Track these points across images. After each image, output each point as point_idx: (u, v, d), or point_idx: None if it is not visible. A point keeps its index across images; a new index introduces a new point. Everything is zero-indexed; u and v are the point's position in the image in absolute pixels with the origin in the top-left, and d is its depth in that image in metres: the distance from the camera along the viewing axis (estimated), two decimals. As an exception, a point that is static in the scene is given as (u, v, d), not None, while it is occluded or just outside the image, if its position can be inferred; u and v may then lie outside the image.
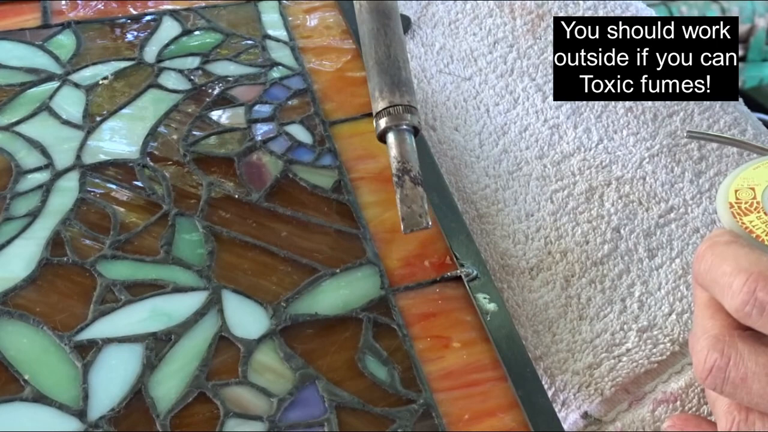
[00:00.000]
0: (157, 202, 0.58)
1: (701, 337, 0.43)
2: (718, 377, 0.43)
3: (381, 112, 0.57)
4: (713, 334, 0.43)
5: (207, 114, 0.64)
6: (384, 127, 0.57)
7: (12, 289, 0.53)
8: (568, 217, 0.59)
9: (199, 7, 0.74)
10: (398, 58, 0.61)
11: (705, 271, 0.43)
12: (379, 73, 0.60)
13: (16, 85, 0.66)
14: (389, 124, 0.57)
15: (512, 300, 0.54)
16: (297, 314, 0.52)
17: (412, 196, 0.54)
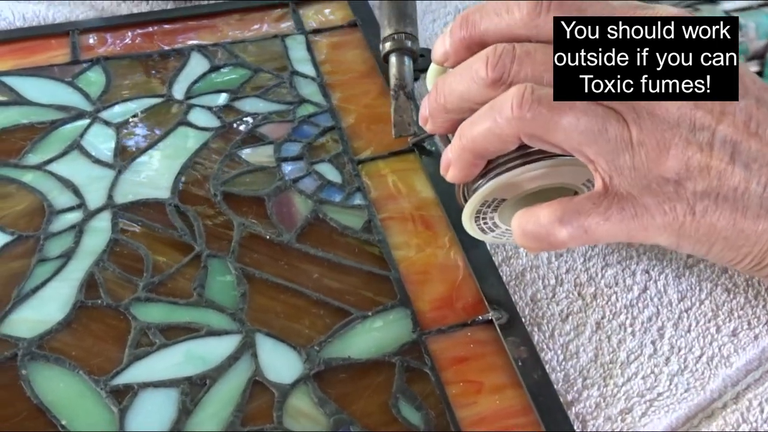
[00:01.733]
0: (189, 242, 0.58)
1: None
2: (506, 57, 0.46)
3: (387, 37, 0.67)
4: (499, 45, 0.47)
5: (236, 152, 0.65)
6: (387, 50, 0.67)
7: (48, 332, 0.53)
8: (598, 258, 0.59)
9: (227, 42, 0.74)
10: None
11: (478, 4, 0.49)
12: (390, 8, 0.69)
13: (47, 122, 0.66)
14: (392, 47, 0.67)
15: (543, 343, 0.55)
16: (330, 358, 0.53)
17: (404, 107, 0.64)
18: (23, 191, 0.62)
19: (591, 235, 0.47)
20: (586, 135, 0.45)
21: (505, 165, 0.50)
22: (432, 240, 0.60)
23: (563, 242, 0.47)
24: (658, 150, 0.45)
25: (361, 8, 0.78)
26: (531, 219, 0.48)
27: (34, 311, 0.55)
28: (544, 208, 0.48)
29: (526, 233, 0.48)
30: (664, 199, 0.46)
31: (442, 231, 0.60)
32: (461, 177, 0.50)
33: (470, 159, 0.49)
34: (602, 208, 0.46)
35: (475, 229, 0.54)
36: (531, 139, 0.46)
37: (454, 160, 0.50)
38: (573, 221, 0.47)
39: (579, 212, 0.46)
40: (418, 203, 0.62)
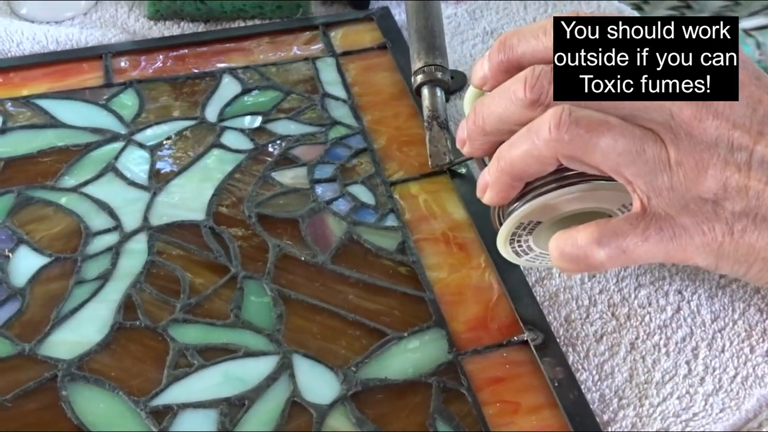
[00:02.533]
0: (224, 264, 0.59)
1: None
2: (544, 78, 0.48)
3: (418, 70, 0.69)
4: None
5: (270, 174, 0.65)
6: (420, 83, 0.69)
7: (87, 353, 0.54)
8: (631, 279, 0.60)
9: (258, 65, 0.75)
10: (435, 28, 0.72)
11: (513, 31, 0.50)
12: (418, 39, 0.71)
13: (81, 145, 0.67)
14: (423, 80, 0.69)
15: (578, 364, 0.55)
16: (367, 379, 0.53)
17: (439, 137, 0.65)
18: (60, 213, 0.62)
19: (629, 256, 0.47)
20: (624, 156, 0.46)
21: (542, 188, 0.50)
22: (466, 261, 0.60)
23: (601, 264, 0.48)
24: (696, 170, 0.45)
25: (390, 30, 0.78)
26: (569, 240, 0.48)
27: (73, 332, 0.55)
28: (581, 229, 0.48)
29: (563, 255, 0.49)
30: (703, 219, 0.46)
31: (476, 252, 0.60)
32: (498, 199, 0.51)
33: (508, 181, 0.49)
34: (640, 229, 0.46)
35: (509, 252, 0.55)
36: (569, 160, 0.47)
37: (491, 182, 0.50)
38: (611, 242, 0.47)
39: (617, 233, 0.47)
40: (451, 224, 0.62)
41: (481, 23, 0.82)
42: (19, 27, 0.79)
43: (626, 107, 0.47)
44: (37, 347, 0.54)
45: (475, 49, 0.79)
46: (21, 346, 0.54)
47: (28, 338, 0.55)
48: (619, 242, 0.47)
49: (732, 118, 0.46)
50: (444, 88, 0.69)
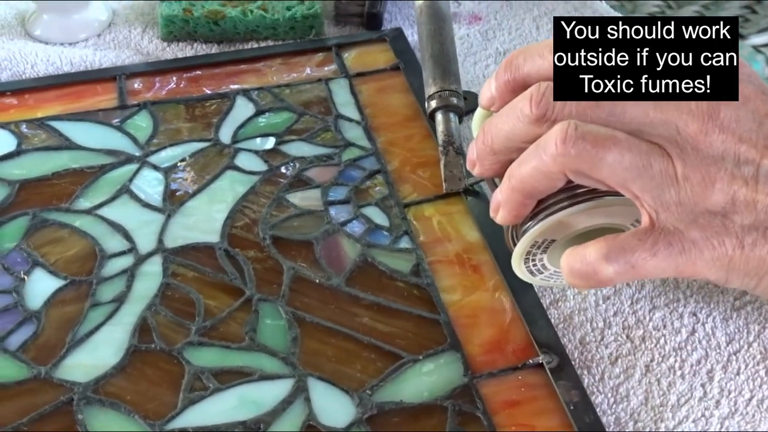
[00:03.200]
0: (239, 286, 0.59)
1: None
2: (550, 94, 0.48)
3: (432, 95, 0.69)
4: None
5: (284, 196, 0.65)
6: (434, 108, 0.69)
7: (103, 376, 0.54)
8: (645, 301, 0.60)
9: (271, 86, 0.75)
10: (449, 53, 0.73)
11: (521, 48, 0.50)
12: (433, 64, 0.71)
13: (96, 167, 0.67)
14: (438, 105, 0.69)
15: (593, 386, 0.55)
16: (382, 402, 0.53)
17: (454, 162, 0.66)
18: (75, 236, 0.62)
19: (638, 271, 0.47)
20: (631, 171, 0.46)
21: (554, 206, 0.50)
22: (480, 283, 0.60)
23: (610, 279, 0.48)
24: (703, 184, 0.46)
25: (403, 51, 0.79)
26: (578, 257, 0.49)
27: (88, 355, 0.55)
28: (590, 245, 0.48)
29: (573, 271, 0.49)
30: (712, 233, 0.46)
31: (490, 274, 0.60)
32: (511, 218, 0.51)
33: (520, 199, 0.50)
34: (649, 244, 0.47)
35: (524, 271, 0.55)
36: (576, 175, 0.47)
37: (503, 201, 0.50)
38: (619, 258, 0.47)
39: (625, 249, 0.47)
40: (465, 246, 0.62)
41: (493, 44, 0.82)
42: (33, 49, 0.79)
43: (632, 122, 0.47)
44: (52, 370, 0.54)
45: (487, 69, 0.79)
46: (37, 370, 0.54)
47: (44, 361, 0.55)
48: (628, 257, 0.47)
49: (738, 133, 0.46)
50: (458, 113, 0.69)
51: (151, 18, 0.85)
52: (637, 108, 0.47)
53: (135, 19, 0.85)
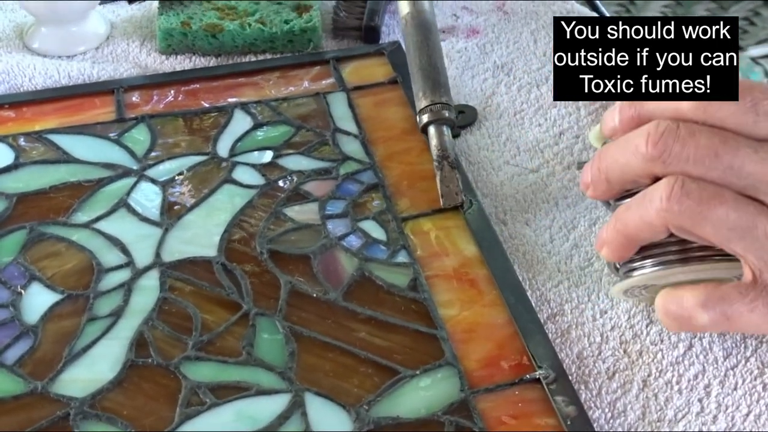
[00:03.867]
0: (236, 301, 0.59)
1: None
2: (669, 136, 0.47)
3: (423, 109, 0.69)
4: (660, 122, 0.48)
5: (281, 210, 0.65)
6: (426, 122, 0.69)
7: (99, 391, 0.54)
8: (642, 315, 0.60)
9: (269, 99, 0.75)
10: (438, 65, 0.72)
11: None
12: (422, 77, 0.71)
13: (93, 180, 0.67)
14: (430, 119, 0.69)
15: (590, 402, 0.55)
16: (379, 417, 0.53)
17: (450, 177, 0.66)
18: (72, 250, 0.62)
19: (732, 324, 0.48)
20: (735, 231, 0.46)
21: (663, 256, 0.52)
22: (477, 298, 0.60)
23: (703, 326, 0.49)
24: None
25: (401, 65, 0.79)
26: (675, 300, 0.49)
27: (85, 370, 0.55)
28: (688, 290, 0.49)
29: (668, 313, 0.50)
30: None
31: (488, 289, 0.61)
32: (615, 257, 0.53)
33: (623, 242, 0.50)
34: (749, 299, 0.47)
35: (620, 296, 0.56)
36: (680, 231, 0.47)
37: (608, 240, 0.51)
38: (716, 307, 0.47)
39: (724, 299, 0.47)
40: (462, 261, 0.62)
41: (491, 57, 0.83)
42: (31, 62, 0.79)
43: (749, 178, 0.46)
44: (49, 385, 0.54)
45: (485, 83, 0.79)
46: (33, 384, 0.54)
47: (41, 376, 0.55)
48: (725, 308, 0.47)
49: None
50: (451, 126, 0.69)
51: (149, 31, 0.85)
52: (756, 165, 0.46)
53: (133, 32, 0.85)
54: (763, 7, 2.43)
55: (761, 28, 2.39)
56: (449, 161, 0.66)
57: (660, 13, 2.44)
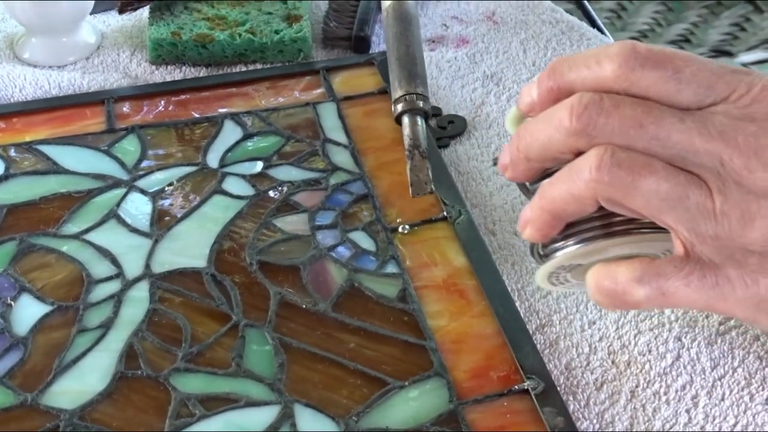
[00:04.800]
0: (226, 312, 0.59)
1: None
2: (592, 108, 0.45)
3: (398, 98, 0.69)
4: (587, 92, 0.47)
5: (271, 221, 0.66)
6: (400, 111, 0.69)
7: (89, 403, 0.54)
8: (630, 326, 0.60)
9: (259, 110, 0.75)
10: (416, 56, 0.72)
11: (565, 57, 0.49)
12: (399, 67, 0.71)
13: (84, 191, 0.67)
14: (404, 108, 0.69)
15: (578, 412, 0.55)
16: (369, 429, 0.53)
17: (420, 167, 0.65)
18: (62, 261, 0.63)
19: (668, 299, 0.46)
20: (666, 202, 0.45)
21: (586, 233, 0.50)
22: (466, 309, 0.60)
23: (638, 303, 0.47)
24: (742, 221, 0.45)
25: (391, 75, 0.79)
26: (608, 275, 0.48)
27: (75, 382, 0.55)
28: (622, 265, 0.47)
29: (601, 289, 0.48)
30: (747, 271, 0.46)
31: (477, 300, 0.61)
32: (539, 237, 0.50)
33: (548, 219, 0.49)
34: (684, 273, 0.46)
35: (545, 283, 0.54)
36: (609, 203, 0.46)
37: (532, 219, 0.49)
38: (652, 282, 0.46)
39: (659, 274, 0.46)
40: (451, 272, 0.63)
41: (481, 67, 0.83)
42: (21, 72, 0.79)
43: (675, 147, 0.45)
44: (39, 397, 0.54)
45: (475, 93, 0.79)
46: (23, 396, 0.54)
47: (31, 388, 0.55)
48: (661, 283, 0.46)
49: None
50: (425, 116, 0.68)
51: (139, 41, 0.85)
52: (681, 134, 0.45)
53: (123, 43, 0.85)
54: (754, 13, 2.43)
55: (752, 34, 2.40)
56: (420, 150, 0.65)
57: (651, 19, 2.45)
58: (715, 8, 2.45)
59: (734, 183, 0.45)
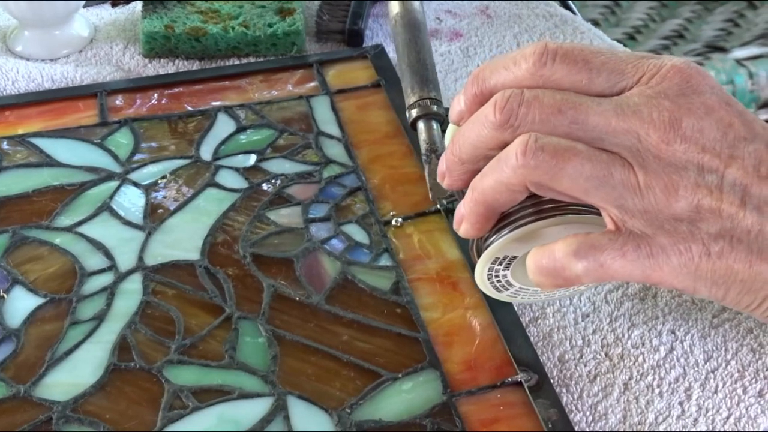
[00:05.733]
0: (219, 304, 0.59)
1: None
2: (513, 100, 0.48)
3: (413, 104, 0.68)
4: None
5: (264, 213, 0.66)
6: (415, 117, 0.67)
7: (82, 395, 0.54)
8: (624, 318, 0.60)
9: (252, 103, 0.75)
10: (426, 62, 0.71)
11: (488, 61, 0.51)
12: (411, 74, 0.70)
13: (76, 184, 0.67)
14: (419, 113, 0.67)
15: (571, 405, 0.55)
16: (361, 421, 0.53)
17: None
18: (55, 253, 0.62)
19: (606, 271, 0.47)
20: (591, 181, 0.46)
21: (518, 220, 0.50)
22: (459, 301, 0.60)
23: (578, 277, 0.48)
24: (666, 192, 0.46)
25: (384, 68, 0.79)
26: (545, 253, 0.49)
27: (67, 374, 0.55)
28: (558, 242, 0.48)
29: (540, 268, 0.49)
30: (679, 239, 0.47)
31: (469, 292, 0.61)
32: (474, 231, 0.51)
33: (482, 212, 0.50)
34: (618, 244, 0.47)
35: (488, 287, 0.55)
36: (538, 187, 0.47)
37: (466, 214, 0.51)
38: (589, 255, 0.47)
39: (595, 246, 0.47)
40: (445, 264, 0.63)
41: (474, 60, 0.83)
42: (14, 65, 0.79)
43: (594, 130, 0.47)
44: (31, 389, 0.54)
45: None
46: (16, 388, 0.54)
47: (23, 380, 0.55)
48: (597, 255, 0.47)
49: (701, 142, 0.47)
50: (440, 121, 0.69)
51: (132, 34, 0.85)
52: (599, 116, 0.47)
53: (116, 36, 0.85)
54: (748, 8, 2.43)
55: (746, 30, 2.40)
56: (437, 155, 0.64)
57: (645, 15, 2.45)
58: (709, 4, 2.45)
59: (653, 157, 0.47)
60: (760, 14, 2.33)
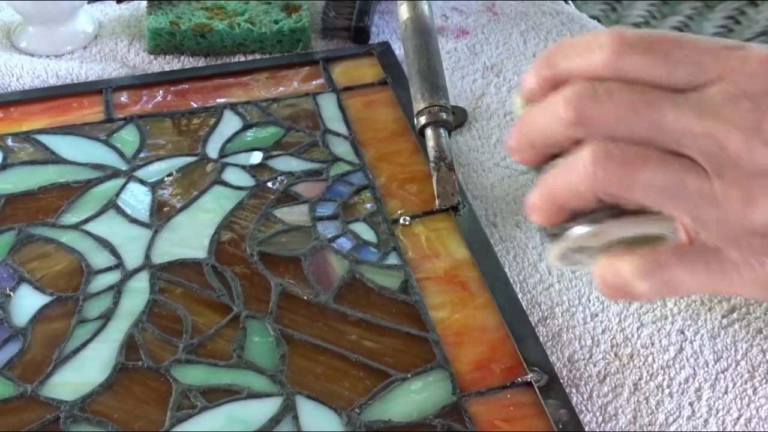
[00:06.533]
0: (227, 303, 0.59)
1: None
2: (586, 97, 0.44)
3: (421, 111, 0.69)
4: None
5: (272, 211, 0.65)
6: (423, 123, 0.69)
7: (89, 394, 0.54)
8: (633, 318, 0.60)
9: (259, 100, 0.75)
10: (436, 68, 0.72)
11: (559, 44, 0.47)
12: (421, 80, 0.71)
13: (82, 181, 0.67)
14: (428, 120, 0.69)
15: (581, 405, 0.55)
16: (371, 421, 0.53)
17: (447, 178, 0.66)
18: (61, 251, 0.62)
19: (672, 289, 0.46)
20: (664, 192, 0.44)
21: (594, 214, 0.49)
22: (468, 301, 0.60)
23: (642, 295, 0.47)
24: (744, 203, 0.43)
25: (391, 65, 0.79)
26: (612, 270, 0.47)
27: (75, 373, 0.55)
28: (625, 259, 0.47)
29: (606, 283, 0.47)
30: (752, 252, 0.44)
31: (478, 291, 0.60)
32: (545, 223, 0.49)
33: (553, 210, 0.48)
34: (687, 263, 0.45)
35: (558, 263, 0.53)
36: (609, 197, 0.45)
37: (537, 206, 0.49)
38: (654, 275, 0.46)
39: (661, 265, 0.45)
40: (453, 263, 0.62)
41: (481, 58, 0.83)
42: (19, 61, 0.79)
43: (673, 134, 0.44)
44: (39, 388, 0.54)
45: (475, 84, 0.79)
46: (23, 388, 0.54)
47: (30, 379, 0.54)
48: (663, 275, 0.45)
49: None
50: (448, 128, 0.69)
51: (137, 31, 0.84)
52: (677, 119, 0.44)
53: (121, 32, 0.84)
54: (748, 6, 2.43)
55: (746, 27, 2.39)
56: (446, 162, 0.66)
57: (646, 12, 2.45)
58: (710, 1, 2.45)
59: (733, 164, 0.44)
60: (761, 12, 2.33)
